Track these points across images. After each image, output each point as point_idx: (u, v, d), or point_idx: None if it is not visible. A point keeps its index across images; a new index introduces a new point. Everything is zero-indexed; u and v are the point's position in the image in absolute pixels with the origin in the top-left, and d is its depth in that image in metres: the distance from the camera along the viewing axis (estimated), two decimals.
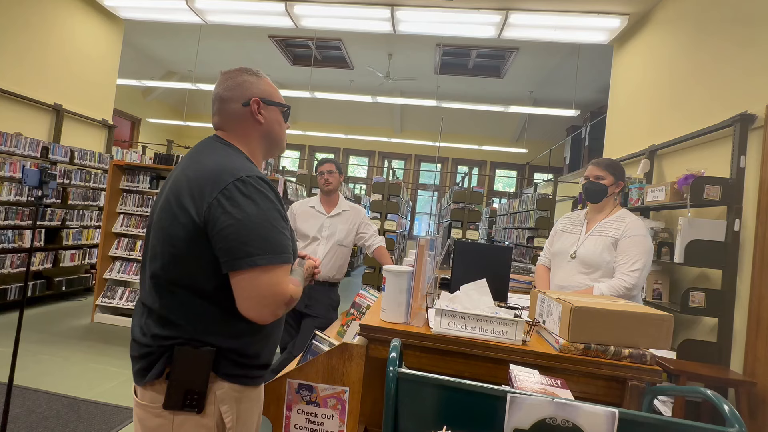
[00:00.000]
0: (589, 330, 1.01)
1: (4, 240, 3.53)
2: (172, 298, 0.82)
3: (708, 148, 2.61)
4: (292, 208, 2.36)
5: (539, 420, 0.68)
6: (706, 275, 2.45)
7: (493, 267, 1.48)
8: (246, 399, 0.87)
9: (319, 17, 4.12)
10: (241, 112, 0.90)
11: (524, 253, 6.22)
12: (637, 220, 1.68)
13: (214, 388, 0.82)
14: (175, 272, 0.81)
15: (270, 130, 0.94)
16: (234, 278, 0.79)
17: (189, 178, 0.82)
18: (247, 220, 0.78)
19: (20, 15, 3.80)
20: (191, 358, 0.80)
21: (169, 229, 0.81)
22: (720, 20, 2.62)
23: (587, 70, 6.43)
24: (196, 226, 0.78)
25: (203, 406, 0.81)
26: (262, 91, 0.92)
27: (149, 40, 7.24)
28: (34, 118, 4.05)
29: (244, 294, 0.78)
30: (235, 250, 0.77)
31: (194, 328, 0.81)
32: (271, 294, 0.78)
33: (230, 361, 0.84)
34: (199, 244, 0.79)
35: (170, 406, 0.80)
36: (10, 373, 1.73)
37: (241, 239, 0.77)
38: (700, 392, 0.80)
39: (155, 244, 0.84)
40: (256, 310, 0.79)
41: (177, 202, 0.81)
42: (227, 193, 0.78)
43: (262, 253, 0.77)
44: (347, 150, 10.69)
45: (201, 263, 0.80)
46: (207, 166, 0.83)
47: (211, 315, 0.82)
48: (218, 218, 0.77)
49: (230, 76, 0.92)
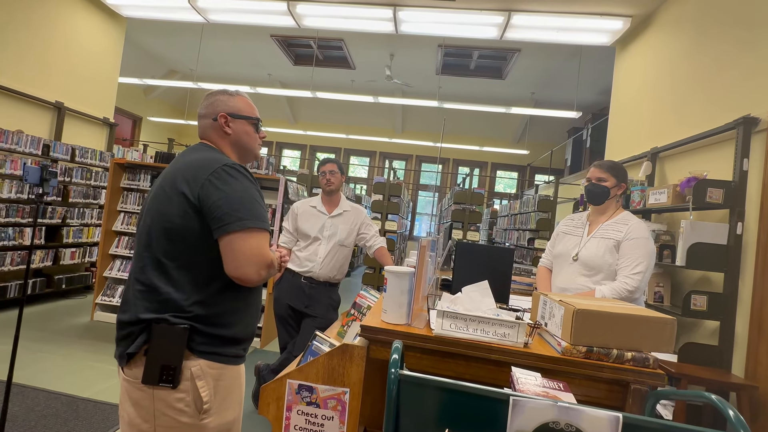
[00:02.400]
0: (592, 333, 1.00)
1: (4, 237, 3.53)
2: (163, 269, 0.93)
3: (710, 151, 2.60)
4: (294, 207, 2.35)
5: (542, 424, 0.67)
6: (707, 278, 2.45)
7: (495, 268, 1.48)
8: (225, 377, 0.95)
9: (321, 17, 4.11)
10: (212, 125, 1.08)
11: (525, 254, 6.21)
12: (639, 223, 1.68)
13: (189, 364, 0.90)
14: (169, 244, 0.93)
15: (238, 140, 1.09)
16: (224, 240, 0.91)
17: (181, 168, 0.97)
18: (235, 194, 0.93)
19: (22, 12, 3.80)
20: (167, 335, 0.89)
21: (164, 209, 0.94)
22: (723, 23, 2.62)
23: (589, 72, 6.43)
24: (191, 204, 0.92)
25: (178, 381, 0.89)
26: (230, 107, 1.09)
27: (151, 39, 7.24)
28: (36, 116, 4.05)
29: (234, 253, 0.90)
30: (227, 216, 0.90)
31: (179, 296, 0.91)
32: (258, 254, 0.91)
33: (205, 337, 0.92)
34: (192, 219, 0.92)
35: (148, 381, 0.89)
36: (9, 371, 1.73)
37: (232, 207, 0.91)
38: (704, 397, 0.79)
39: (149, 224, 0.96)
40: (243, 269, 0.90)
41: (171, 187, 0.95)
42: (217, 174, 0.94)
43: (249, 218, 0.92)
44: (348, 150, 10.69)
45: (192, 236, 0.93)
46: (197, 158, 0.99)
47: (198, 283, 0.93)
48: (211, 194, 0.92)
49: (208, 97, 1.11)
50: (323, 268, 2.21)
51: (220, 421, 0.95)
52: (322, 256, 2.22)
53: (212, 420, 0.93)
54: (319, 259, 2.22)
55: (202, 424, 0.92)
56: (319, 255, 2.22)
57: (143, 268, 0.94)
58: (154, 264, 0.93)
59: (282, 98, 9.67)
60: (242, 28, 5.95)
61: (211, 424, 0.93)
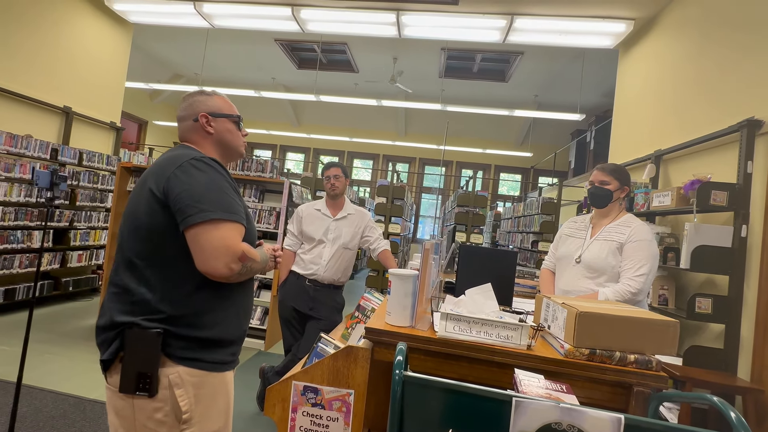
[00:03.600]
0: (595, 335, 1.01)
1: (13, 240, 3.57)
2: (135, 269, 0.89)
3: (714, 154, 2.59)
4: (298, 210, 2.37)
5: (544, 424, 0.68)
6: (712, 281, 2.44)
7: (498, 271, 1.49)
8: (207, 384, 0.89)
9: (325, 22, 4.15)
10: (193, 126, 1.05)
11: (528, 257, 6.20)
12: (642, 225, 1.68)
13: (166, 371, 0.86)
14: (138, 243, 0.90)
15: (221, 138, 1.07)
16: (189, 233, 0.87)
17: (152, 167, 0.96)
18: (198, 185, 0.89)
19: (31, 19, 3.86)
20: (140, 340, 0.85)
21: (134, 208, 0.92)
22: (726, 25, 2.62)
23: (592, 74, 6.42)
24: (157, 199, 0.89)
25: (155, 390, 0.84)
26: (209, 107, 1.06)
27: (157, 44, 7.32)
28: (44, 121, 4.11)
29: (199, 247, 0.86)
30: (189, 208, 0.86)
31: (152, 297, 0.87)
32: (224, 246, 0.86)
33: (182, 341, 0.87)
34: (158, 215, 0.89)
35: (125, 390, 0.85)
36: (18, 373, 1.75)
37: (195, 198, 0.87)
38: (707, 399, 0.79)
39: (122, 226, 0.95)
40: (210, 263, 0.86)
41: (141, 186, 0.93)
42: (182, 168, 0.91)
43: (213, 210, 0.87)
44: (351, 153, 10.72)
45: (160, 232, 0.89)
46: (168, 156, 0.97)
47: (170, 282, 0.89)
48: (174, 186, 0.88)
49: (185, 99, 1.08)
50: (327, 270, 2.23)
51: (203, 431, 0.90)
52: (326, 259, 2.23)
53: (194, 430, 0.89)
54: (324, 262, 2.23)
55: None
56: (323, 258, 2.24)
57: (116, 270, 0.92)
58: (126, 264, 0.90)
59: (286, 102, 9.73)
60: (247, 32, 6.01)
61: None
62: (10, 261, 3.57)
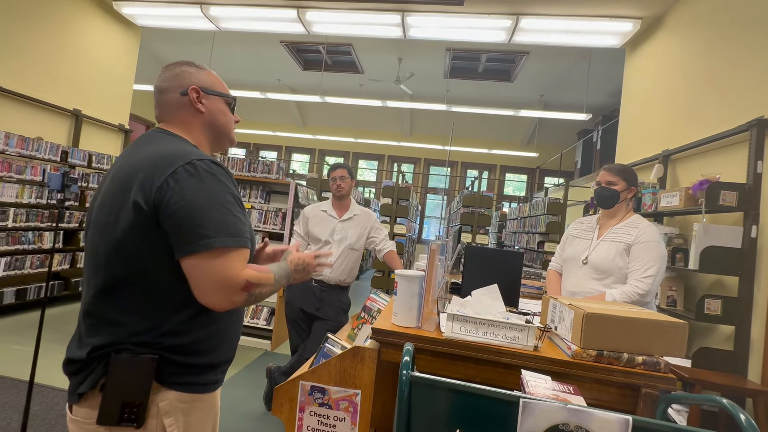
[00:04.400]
0: (602, 336, 1.01)
1: (24, 241, 3.63)
2: (118, 296, 0.75)
3: (723, 153, 2.57)
4: (305, 212, 2.39)
5: (552, 426, 0.68)
6: (721, 282, 2.41)
7: (504, 272, 1.49)
8: (196, 410, 0.80)
9: (330, 23, 4.17)
10: (180, 101, 0.87)
11: (534, 257, 6.17)
12: (650, 226, 1.67)
13: (156, 399, 0.75)
14: (121, 267, 0.75)
15: (212, 120, 0.90)
16: (186, 263, 0.73)
17: (133, 168, 0.77)
18: (199, 201, 0.73)
19: (41, 23, 3.93)
20: (129, 366, 0.73)
21: (114, 223, 0.75)
22: (734, 24, 2.59)
23: (599, 74, 6.38)
24: (145, 214, 0.73)
25: (143, 419, 0.74)
26: (201, 80, 0.89)
27: (164, 47, 7.41)
28: (55, 123, 4.17)
29: (196, 280, 0.74)
30: (188, 234, 0.72)
31: (143, 328, 0.75)
32: (222, 279, 0.73)
33: (176, 366, 0.76)
34: (149, 233, 0.74)
35: (105, 422, 0.73)
36: (31, 372, 1.78)
37: (195, 221, 0.72)
38: (715, 401, 0.79)
39: (97, 242, 0.77)
40: (209, 298, 0.74)
41: (121, 194, 0.75)
42: (176, 177, 0.74)
43: (216, 236, 0.73)
44: (357, 154, 10.75)
45: (150, 253, 0.74)
46: (152, 154, 0.78)
47: (161, 309, 0.76)
48: (168, 202, 0.72)
49: (168, 68, 0.90)
50: (334, 271, 2.24)
51: None
52: (332, 260, 2.24)
53: None
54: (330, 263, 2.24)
55: None
56: (329, 259, 2.25)
57: (94, 297, 0.76)
58: (105, 291, 0.76)
59: (291, 103, 9.78)
60: (253, 35, 6.05)
61: None
62: (21, 261, 3.63)
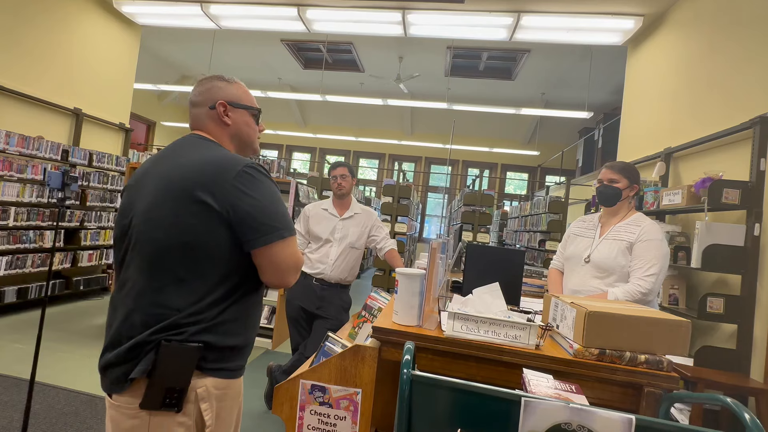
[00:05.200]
0: (604, 335, 1.00)
1: (25, 240, 3.64)
2: (180, 285, 0.83)
3: (726, 151, 2.55)
4: (305, 210, 2.38)
5: (554, 425, 0.68)
6: (724, 280, 2.40)
7: (506, 271, 1.48)
8: (227, 396, 0.89)
9: (331, 21, 4.16)
10: (209, 114, 0.97)
11: (536, 256, 6.15)
12: (652, 224, 1.66)
13: (195, 385, 0.83)
14: (192, 262, 0.83)
15: (238, 131, 1.00)
16: (263, 252, 0.86)
17: (190, 170, 0.85)
18: (266, 200, 0.87)
19: (41, 22, 3.92)
20: (178, 354, 0.80)
21: (179, 221, 0.83)
22: (737, 21, 2.57)
23: (600, 72, 6.35)
24: (218, 215, 0.83)
25: (182, 405, 0.81)
26: (229, 94, 0.99)
27: (165, 45, 7.39)
28: (55, 122, 4.17)
29: (276, 265, 0.88)
30: (264, 227, 0.85)
31: (201, 309, 0.83)
32: (294, 262, 0.90)
33: (215, 352, 0.85)
34: (219, 230, 0.84)
35: (148, 406, 0.80)
36: (32, 370, 1.78)
37: (268, 216, 0.86)
38: (719, 400, 0.78)
39: (160, 238, 0.83)
40: (283, 278, 0.89)
41: (182, 191, 0.83)
42: (241, 179, 0.85)
43: (284, 227, 0.88)
44: (357, 152, 10.74)
45: (220, 247, 0.84)
46: (207, 158, 0.88)
47: (217, 296, 0.85)
48: (242, 202, 0.84)
49: (201, 83, 1.00)
50: (334, 270, 2.24)
51: None
52: (333, 258, 2.24)
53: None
54: (331, 261, 2.24)
55: None
56: (330, 257, 2.25)
57: (160, 289, 0.83)
58: (171, 281, 0.83)
59: (292, 102, 9.77)
60: (253, 33, 6.03)
61: None
62: (22, 260, 3.63)
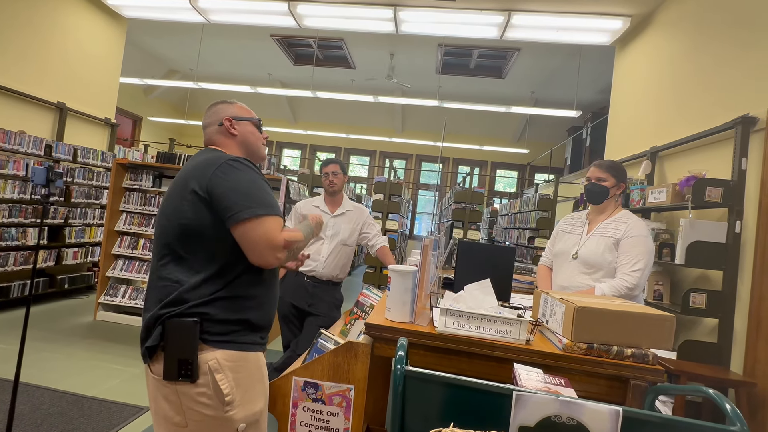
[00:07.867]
0: (592, 330, 1.02)
1: (7, 238, 3.54)
2: (185, 262, 0.98)
3: (709, 150, 2.62)
4: (297, 207, 2.37)
5: (544, 417, 0.69)
6: (706, 276, 2.47)
7: (496, 267, 1.50)
8: (242, 368, 0.97)
9: (321, 17, 4.12)
10: (219, 130, 1.15)
11: (525, 253, 6.23)
12: (638, 221, 1.69)
13: (205, 358, 0.93)
14: (185, 240, 0.98)
15: (244, 140, 1.16)
16: (238, 229, 0.96)
17: (190, 170, 1.03)
18: (241, 184, 0.99)
19: (23, 13, 3.81)
20: (179, 329, 0.92)
21: (178, 208, 0.99)
22: (722, 23, 2.63)
23: (589, 71, 6.44)
24: (201, 199, 0.97)
25: (197, 375, 0.92)
26: (233, 112, 1.17)
27: (152, 39, 7.24)
28: (38, 117, 4.06)
29: (249, 242, 0.96)
30: (236, 206, 0.96)
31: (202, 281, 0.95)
32: (270, 239, 0.96)
33: (220, 325, 0.95)
34: (203, 212, 0.98)
35: (168, 377, 0.92)
36: (16, 370, 1.75)
37: (240, 196, 0.97)
38: (702, 391, 0.81)
39: (165, 224, 1.01)
40: (260, 256, 0.96)
41: (182, 187, 1.01)
42: (222, 168, 1.00)
43: (257, 206, 0.96)
44: (348, 149, 10.70)
45: (206, 228, 0.98)
46: (204, 158, 1.04)
47: (214, 272, 0.97)
48: (218, 186, 0.97)
49: (210, 108, 1.19)
50: (326, 267, 2.23)
51: (247, 413, 0.97)
52: (325, 256, 2.24)
53: (237, 411, 0.95)
54: (322, 258, 2.23)
55: (228, 416, 0.94)
56: (322, 254, 2.24)
57: (164, 265, 0.99)
58: (176, 260, 0.98)
59: (282, 98, 9.67)
60: (242, 28, 5.95)
61: (237, 415, 0.95)
62: (4, 258, 3.54)
